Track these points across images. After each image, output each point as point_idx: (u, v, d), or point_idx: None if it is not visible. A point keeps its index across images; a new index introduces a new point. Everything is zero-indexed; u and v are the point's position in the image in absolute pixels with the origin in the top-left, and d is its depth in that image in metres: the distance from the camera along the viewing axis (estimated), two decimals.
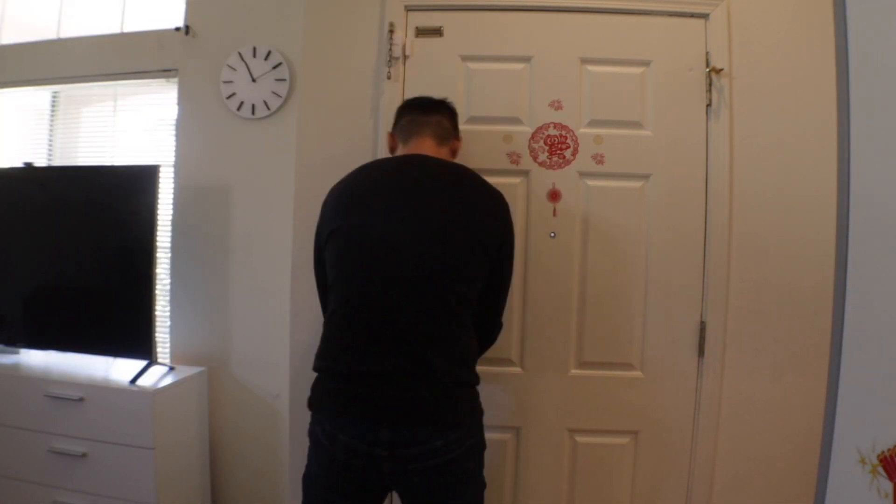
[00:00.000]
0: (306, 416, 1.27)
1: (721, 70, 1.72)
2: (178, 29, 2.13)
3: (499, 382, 1.70)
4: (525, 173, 1.70)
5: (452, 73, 1.72)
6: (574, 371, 1.72)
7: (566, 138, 1.70)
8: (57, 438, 1.87)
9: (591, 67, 1.71)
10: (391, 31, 1.83)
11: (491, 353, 1.54)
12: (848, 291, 0.82)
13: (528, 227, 1.71)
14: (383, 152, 1.88)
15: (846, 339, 0.82)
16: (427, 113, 1.45)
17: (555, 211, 1.70)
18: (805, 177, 1.70)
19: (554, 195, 1.70)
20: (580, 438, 1.73)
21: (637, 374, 1.73)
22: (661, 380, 1.72)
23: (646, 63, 1.72)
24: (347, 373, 1.18)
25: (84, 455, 1.85)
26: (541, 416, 1.72)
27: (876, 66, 0.81)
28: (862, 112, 0.82)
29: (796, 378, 1.68)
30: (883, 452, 0.77)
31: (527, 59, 1.71)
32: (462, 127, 1.57)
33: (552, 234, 1.70)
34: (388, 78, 1.85)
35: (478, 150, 1.67)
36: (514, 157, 1.69)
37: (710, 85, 1.73)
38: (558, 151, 1.70)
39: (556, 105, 1.70)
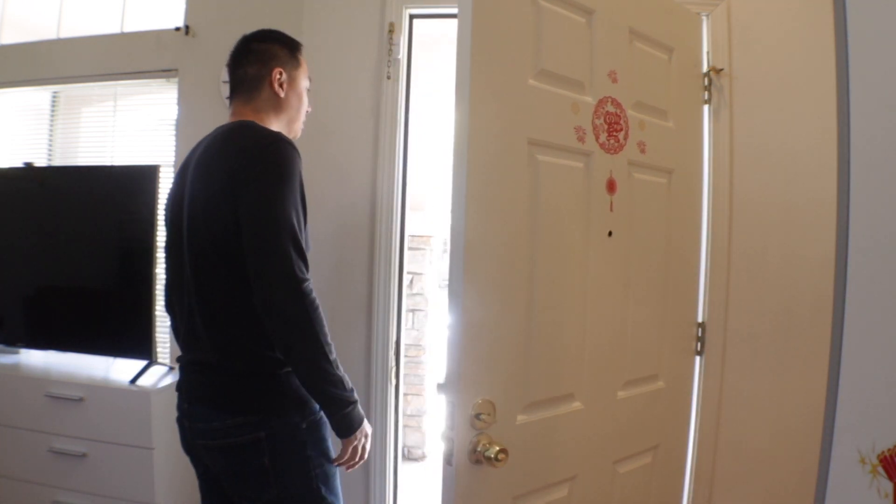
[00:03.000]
0: None
1: (721, 70, 1.72)
2: (178, 29, 2.13)
3: (557, 427, 1.34)
4: (588, 155, 1.38)
5: (523, 6, 1.27)
6: (620, 394, 1.47)
7: (620, 118, 1.44)
8: (57, 438, 1.87)
9: (636, 43, 1.50)
10: (391, 32, 1.83)
11: (546, 393, 1.30)
12: (848, 291, 0.82)
13: (589, 224, 1.38)
14: (384, 152, 1.89)
15: (846, 339, 0.82)
16: (233, 70, 1.32)
17: (611, 205, 1.43)
18: (805, 176, 1.70)
19: (611, 185, 1.42)
20: (621, 468, 1.50)
21: (660, 384, 1.59)
22: (677, 386, 1.66)
23: (670, 50, 1.59)
24: (178, 359, 1.30)
25: (84, 455, 1.85)
26: (595, 455, 1.44)
27: (876, 65, 0.81)
28: (862, 112, 0.82)
29: (796, 378, 1.68)
30: (883, 452, 0.77)
31: (590, 13, 1.39)
32: (531, 82, 1.26)
33: (609, 233, 1.42)
34: (388, 78, 1.86)
35: (547, 116, 1.30)
36: (580, 133, 1.36)
37: (710, 84, 1.73)
38: (614, 133, 1.43)
39: (613, 77, 1.43)
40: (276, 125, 1.31)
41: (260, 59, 1.30)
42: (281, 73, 1.30)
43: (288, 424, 1.16)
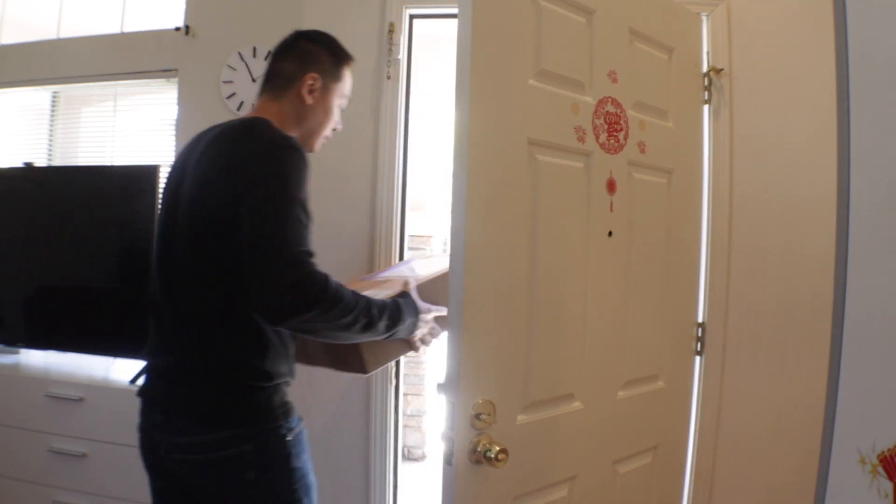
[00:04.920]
0: (303, 414, 1.26)
1: (721, 70, 1.72)
2: (178, 29, 2.13)
3: (557, 426, 1.34)
4: (588, 155, 1.37)
5: (523, 6, 1.27)
6: (620, 394, 1.47)
7: (620, 118, 1.44)
8: (57, 438, 1.87)
9: (636, 43, 1.50)
10: (391, 32, 1.83)
11: (546, 393, 1.30)
12: (848, 291, 0.82)
13: (589, 224, 1.38)
14: (384, 152, 1.89)
15: (846, 339, 0.82)
16: (272, 62, 1.26)
17: (611, 205, 1.43)
18: (805, 176, 1.70)
19: (611, 185, 1.42)
20: (621, 468, 1.50)
21: (661, 384, 1.59)
22: (677, 386, 1.66)
23: (670, 50, 1.59)
24: (147, 363, 1.22)
25: (84, 455, 1.85)
26: (595, 455, 1.44)
27: (876, 65, 0.81)
28: (862, 111, 0.82)
29: (796, 378, 1.68)
30: (883, 452, 0.77)
31: (590, 13, 1.38)
32: (531, 82, 1.26)
33: (610, 233, 1.42)
34: (388, 78, 1.86)
35: (547, 116, 1.30)
36: (580, 133, 1.36)
37: (710, 84, 1.73)
38: (614, 133, 1.43)
39: (613, 77, 1.43)
40: (292, 133, 1.22)
41: (300, 57, 1.24)
42: (315, 80, 1.23)
43: (275, 436, 1.12)
